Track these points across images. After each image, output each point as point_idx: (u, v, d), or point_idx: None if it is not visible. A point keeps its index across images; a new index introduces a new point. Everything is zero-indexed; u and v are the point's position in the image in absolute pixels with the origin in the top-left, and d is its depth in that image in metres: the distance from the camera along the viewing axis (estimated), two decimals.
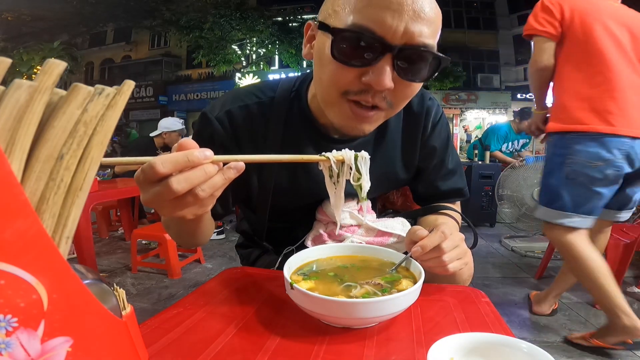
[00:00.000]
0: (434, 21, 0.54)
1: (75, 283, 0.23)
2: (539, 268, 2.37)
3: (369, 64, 0.53)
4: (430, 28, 0.53)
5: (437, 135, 0.79)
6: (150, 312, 1.56)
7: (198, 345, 0.45)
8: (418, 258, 0.56)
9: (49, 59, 0.25)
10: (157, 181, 0.39)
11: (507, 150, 3.89)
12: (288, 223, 0.82)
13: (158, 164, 0.37)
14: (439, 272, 0.57)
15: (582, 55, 1.43)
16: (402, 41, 0.52)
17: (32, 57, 11.19)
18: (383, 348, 0.45)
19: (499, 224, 3.84)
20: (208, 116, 0.68)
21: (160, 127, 3.48)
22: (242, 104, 0.70)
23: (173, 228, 0.67)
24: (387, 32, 0.51)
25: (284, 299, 0.54)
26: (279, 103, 0.70)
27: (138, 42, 17.95)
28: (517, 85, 15.08)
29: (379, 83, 0.53)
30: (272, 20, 11.32)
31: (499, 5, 16.35)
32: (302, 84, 0.72)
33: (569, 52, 1.47)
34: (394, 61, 0.53)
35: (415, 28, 0.51)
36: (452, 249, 0.56)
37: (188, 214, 0.42)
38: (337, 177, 0.52)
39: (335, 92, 0.57)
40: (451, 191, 0.82)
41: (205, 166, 0.40)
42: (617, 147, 1.37)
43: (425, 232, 0.57)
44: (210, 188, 0.40)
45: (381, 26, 0.51)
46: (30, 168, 0.23)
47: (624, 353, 1.47)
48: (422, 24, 0.52)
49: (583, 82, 1.43)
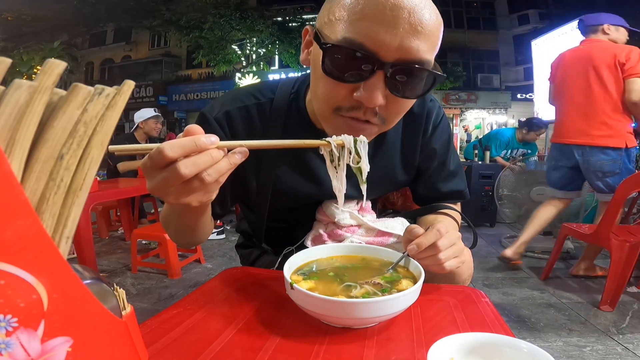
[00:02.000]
0: (433, 34, 0.51)
1: (75, 283, 0.23)
2: (545, 269, 2.36)
3: (361, 80, 0.51)
4: (427, 43, 0.50)
5: (438, 137, 0.78)
6: (150, 312, 1.56)
7: (198, 345, 0.45)
8: (414, 256, 0.56)
9: (49, 59, 0.25)
10: (164, 166, 0.39)
11: (506, 157, 3.87)
12: (287, 223, 0.81)
13: (167, 148, 0.38)
14: (436, 271, 0.57)
15: None
16: (396, 57, 0.50)
17: (32, 57, 11.20)
18: (383, 348, 0.45)
19: (499, 224, 3.84)
20: (206, 116, 0.68)
21: (136, 119, 3.45)
22: (241, 104, 0.69)
23: (173, 224, 0.67)
24: (379, 47, 0.49)
25: (284, 299, 0.54)
26: (278, 105, 0.70)
27: (138, 42, 17.97)
28: (517, 85, 15.09)
29: (369, 100, 0.52)
30: (272, 20, 11.34)
31: (499, 5, 16.36)
32: (302, 85, 0.72)
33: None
34: (387, 77, 0.51)
35: (411, 43, 0.49)
36: (448, 247, 0.56)
37: (194, 201, 0.43)
38: (337, 160, 0.52)
39: (329, 108, 0.57)
40: (451, 193, 0.82)
41: (212, 151, 0.40)
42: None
43: (421, 230, 0.57)
44: (216, 173, 0.41)
45: (373, 41, 0.49)
46: (30, 168, 0.23)
47: (624, 353, 1.48)
48: (418, 38, 0.49)
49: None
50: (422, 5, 0.49)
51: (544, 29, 4.82)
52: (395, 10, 0.48)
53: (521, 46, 13.44)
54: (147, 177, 0.42)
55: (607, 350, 1.50)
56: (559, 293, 2.12)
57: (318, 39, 0.53)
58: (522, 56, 14.14)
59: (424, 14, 0.49)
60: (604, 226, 1.96)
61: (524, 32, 14.73)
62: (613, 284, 1.86)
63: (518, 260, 2.51)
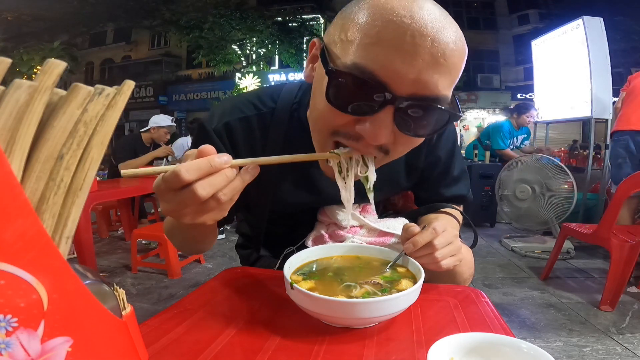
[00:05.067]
0: (455, 67, 0.44)
1: (75, 283, 0.23)
2: (545, 269, 2.36)
3: (367, 113, 0.45)
4: (448, 77, 0.44)
5: (443, 144, 0.77)
6: (150, 312, 1.56)
7: (198, 345, 0.45)
8: (410, 255, 0.56)
9: (49, 59, 0.25)
10: (180, 188, 0.39)
11: (510, 147, 3.90)
12: (287, 227, 0.81)
13: (183, 171, 0.38)
14: (433, 269, 0.56)
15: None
16: (411, 90, 0.43)
17: (32, 57, 11.19)
18: (383, 348, 0.45)
19: (499, 224, 3.84)
20: (206, 128, 0.66)
21: (150, 123, 3.50)
22: (242, 115, 0.67)
23: (179, 236, 0.66)
24: (393, 78, 0.42)
25: (284, 299, 0.54)
26: (280, 115, 0.67)
27: (138, 42, 17.97)
28: (517, 85, 15.09)
29: (374, 138, 0.46)
30: (272, 20, 11.33)
31: (499, 5, 16.36)
32: (304, 95, 0.69)
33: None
34: (396, 112, 0.45)
35: (430, 77, 0.42)
36: (444, 246, 0.56)
37: (209, 220, 0.43)
38: (346, 171, 0.52)
39: (325, 132, 0.51)
40: (454, 197, 0.82)
41: (226, 171, 0.40)
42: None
43: (417, 228, 0.57)
44: (231, 192, 0.41)
45: (387, 71, 0.42)
46: (30, 168, 0.23)
47: (624, 353, 1.48)
48: (439, 72, 0.43)
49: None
50: (447, 34, 0.43)
51: (544, 29, 4.81)
52: (416, 37, 0.41)
53: (521, 46, 13.44)
54: (161, 199, 0.42)
55: (607, 350, 1.50)
56: (559, 293, 2.12)
57: (324, 59, 0.47)
58: (522, 56, 14.14)
59: (448, 44, 0.42)
60: (604, 226, 1.96)
61: (524, 32, 14.73)
62: (613, 284, 1.86)
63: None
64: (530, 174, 2.90)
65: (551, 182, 2.77)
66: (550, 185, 2.77)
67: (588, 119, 3.23)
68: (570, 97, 3.48)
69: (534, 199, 2.88)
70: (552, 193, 2.77)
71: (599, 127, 3.36)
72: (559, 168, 2.77)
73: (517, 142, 3.93)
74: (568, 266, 2.59)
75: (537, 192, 2.86)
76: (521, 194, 2.96)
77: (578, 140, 10.99)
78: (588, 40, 3.16)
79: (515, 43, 15.46)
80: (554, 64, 3.79)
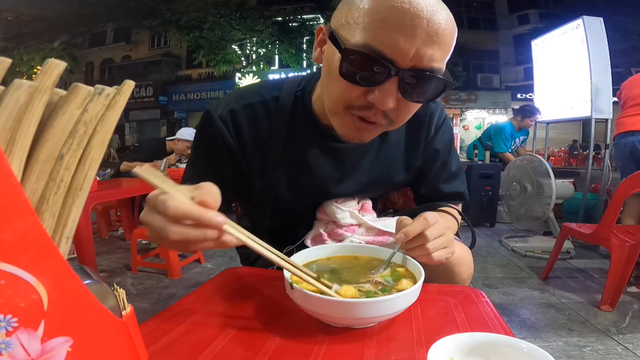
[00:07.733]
0: (447, 43, 0.53)
1: (75, 283, 0.23)
2: (545, 269, 2.36)
3: (375, 84, 0.53)
4: (441, 52, 0.52)
5: (440, 138, 0.79)
6: (150, 312, 1.56)
7: (198, 345, 0.45)
8: (403, 247, 0.57)
9: (49, 59, 0.25)
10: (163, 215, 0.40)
11: (512, 147, 3.91)
12: (289, 222, 0.82)
13: (171, 207, 0.38)
14: (425, 262, 0.56)
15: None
16: (411, 63, 0.51)
17: (32, 57, 11.20)
18: (383, 348, 0.45)
19: (499, 224, 3.84)
20: (211, 114, 0.68)
21: (178, 134, 3.61)
22: (246, 102, 0.70)
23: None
24: (397, 55, 0.50)
25: (284, 299, 0.54)
26: (284, 102, 0.70)
27: (138, 42, 17.98)
28: (517, 85, 15.10)
29: (382, 103, 0.54)
30: (272, 20, 11.33)
31: (499, 5, 16.37)
32: (308, 84, 0.72)
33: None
34: (400, 82, 0.53)
35: (426, 52, 0.51)
36: (436, 237, 0.56)
37: (182, 251, 0.43)
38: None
39: (341, 106, 0.58)
40: (453, 194, 0.83)
41: (207, 230, 0.40)
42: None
43: (410, 220, 0.57)
44: (202, 246, 0.42)
45: (392, 49, 0.50)
46: (30, 168, 0.23)
47: (624, 353, 1.48)
48: (433, 48, 0.51)
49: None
50: (439, 16, 0.51)
51: (544, 29, 4.80)
52: (415, 20, 0.49)
53: (521, 46, 13.45)
54: (146, 210, 0.42)
55: (607, 350, 1.50)
56: (559, 293, 2.12)
57: (334, 40, 0.54)
58: (522, 56, 14.15)
59: (441, 24, 0.51)
60: (604, 226, 1.96)
61: (524, 32, 14.74)
62: (613, 284, 1.85)
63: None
64: (519, 173, 2.97)
65: (540, 179, 2.84)
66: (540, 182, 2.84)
67: (588, 118, 3.22)
68: (570, 97, 3.47)
69: (525, 197, 2.93)
70: (542, 190, 2.82)
71: (599, 127, 3.35)
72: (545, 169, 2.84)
73: (518, 143, 3.95)
74: (568, 266, 2.59)
75: (529, 190, 2.91)
76: (513, 192, 3.01)
77: (578, 140, 10.99)
78: (588, 40, 3.15)
79: (515, 43, 15.47)
80: (554, 64, 3.79)
